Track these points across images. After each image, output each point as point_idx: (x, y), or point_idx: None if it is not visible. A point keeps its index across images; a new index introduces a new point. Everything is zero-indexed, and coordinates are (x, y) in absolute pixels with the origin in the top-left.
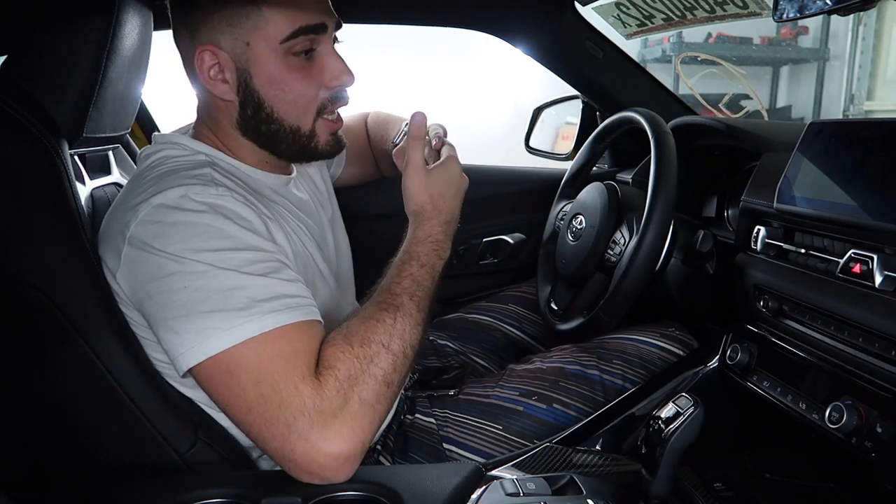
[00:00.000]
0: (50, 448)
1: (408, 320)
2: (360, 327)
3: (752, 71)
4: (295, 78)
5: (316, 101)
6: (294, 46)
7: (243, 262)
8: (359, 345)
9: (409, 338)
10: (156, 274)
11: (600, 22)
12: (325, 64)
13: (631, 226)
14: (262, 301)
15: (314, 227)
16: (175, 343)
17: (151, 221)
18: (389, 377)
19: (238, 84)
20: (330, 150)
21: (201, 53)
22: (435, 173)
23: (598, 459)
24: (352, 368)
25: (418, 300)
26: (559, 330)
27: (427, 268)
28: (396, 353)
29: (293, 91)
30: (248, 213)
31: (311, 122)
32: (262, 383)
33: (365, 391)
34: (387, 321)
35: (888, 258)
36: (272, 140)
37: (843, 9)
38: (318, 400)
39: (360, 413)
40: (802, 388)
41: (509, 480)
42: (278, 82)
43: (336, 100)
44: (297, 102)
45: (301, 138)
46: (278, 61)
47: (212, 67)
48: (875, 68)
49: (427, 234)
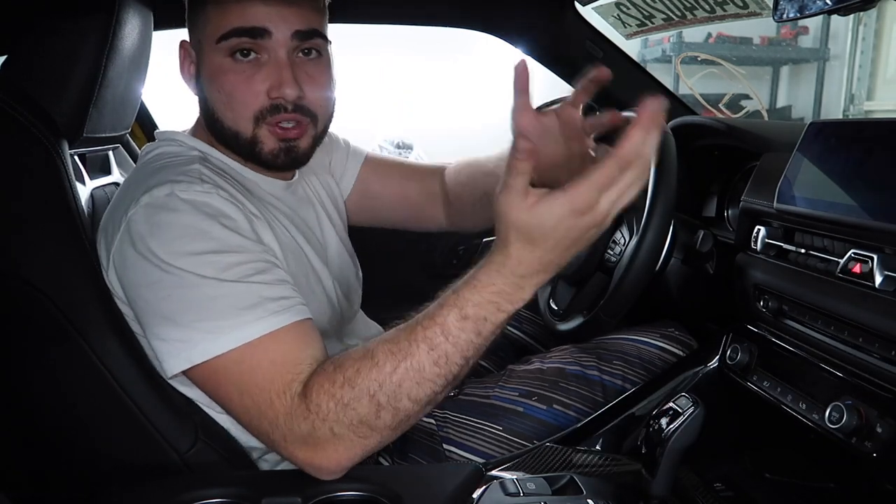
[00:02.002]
0: (50, 448)
1: (412, 374)
2: (355, 364)
3: (752, 71)
4: (230, 80)
5: (251, 106)
6: (233, 47)
7: (226, 266)
8: (341, 384)
9: (409, 392)
10: (142, 280)
11: (600, 22)
12: (268, 72)
13: (631, 226)
14: (245, 309)
15: (310, 228)
16: (161, 349)
17: (139, 221)
18: (370, 423)
19: (196, 80)
20: (275, 160)
21: (182, 48)
22: (538, 214)
23: (598, 459)
24: (324, 405)
25: (440, 354)
26: (559, 330)
27: (472, 321)
28: (383, 404)
29: (225, 91)
30: (233, 211)
31: (250, 128)
32: (245, 394)
33: (337, 427)
34: (385, 367)
35: (888, 258)
36: (222, 140)
37: (843, 9)
38: (287, 420)
39: (333, 441)
40: (802, 388)
41: (509, 480)
42: (214, 81)
43: (277, 110)
44: (229, 104)
45: (242, 142)
46: (218, 60)
47: (189, 64)
48: (875, 68)
49: (490, 280)
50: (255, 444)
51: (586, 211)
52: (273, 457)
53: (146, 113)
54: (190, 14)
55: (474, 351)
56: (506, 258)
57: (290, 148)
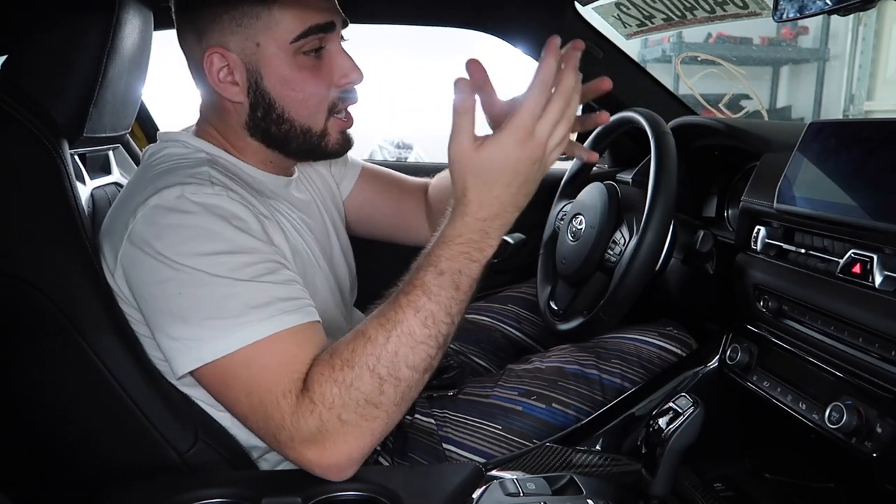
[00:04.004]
0: (50, 448)
1: (405, 339)
2: (349, 345)
3: (752, 71)
4: (306, 77)
5: (327, 99)
6: (304, 46)
7: (238, 266)
8: (340, 367)
9: (406, 358)
10: (152, 279)
11: (600, 22)
12: (335, 62)
13: (631, 226)
14: (256, 307)
15: (316, 228)
16: (171, 348)
17: (149, 223)
18: (375, 400)
19: (248, 86)
20: (339, 148)
21: (210, 56)
22: (486, 152)
23: (598, 459)
24: (328, 392)
25: (427, 314)
26: (559, 330)
27: (448, 275)
28: (384, 376)
29: (304, 90)
30: (244, 213)
31: (322, 122)
32: (252, 394)
33: (345, 413)
34: (378, 339)
35: (888, 258)
36: (282, 140)
37: (843, 9)
38: (294, 419)
39: (343, 431)
40: (802, 388)
41: (509, 480)
42: (289, 82)
43: (346, 98)
44: (308, 102)
45: (312, 137)
46: (289, 61)
47: (221, 69)
48: (875, 68)
49: (457, 233)
50: (256, 443)
51: (527, 139)
52: (273, 456)
53: (146, 113)
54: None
55: (457, 307)
56: (466, 206)
57: (347, 137)
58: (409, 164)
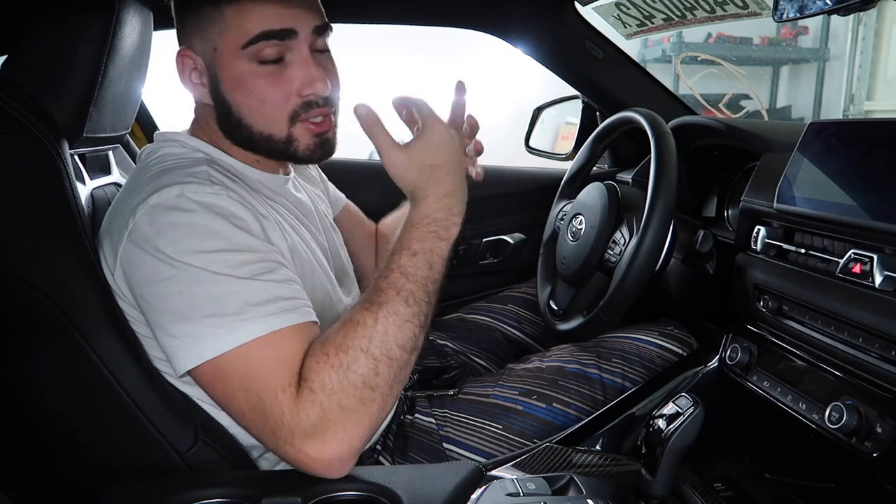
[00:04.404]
0: (50, 448)
1: (392, 319)
2: (339, 332)
3: (752, 71)
4: (260, 84)
5: (285, 107)
6: (259, 52)
7: (237, 264)
8: (335, 352)
9: (395, 337)
10: (152, 277)
11: (600, 22)
12: (295, 72)
13: (631, 226)
14: (256, 305)
15: (314, 228)
16: (172, 346)
17: (148, 222)
18: (371, 381)
19: (210, 89)
20: (311, 154)
21: (182, 57)
22: (417, 145)
23: (598, 459)
24: (327, 379)
25: (408, 293)
26: (559, 330)
27: (421, 255)
28: (377, 356)
29: (258, 97)
30: (243, 212)
31: (285, 129)
32: (249, 391)
33: (344, 398)
34: (367, 322)
35: (888, 258)
36: (248, 143)
37: (843, 9)
38: (294, 412)
39: (343, 419)
40: (802, 388)
41: (509, 480)
42: (242, 88)
43: (310, 106)
44: (262, 109)
45: (277, 144)
46: (243, 67)
47: (192, 71)
48: (875, 68)
49: (423, 215)
50: (255, 443)
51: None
52: (273, 456)
53: (146, 113)
54: (196, 22)
55: (432, 286)
56: (423, 191)
57: (324, 141)
58: None
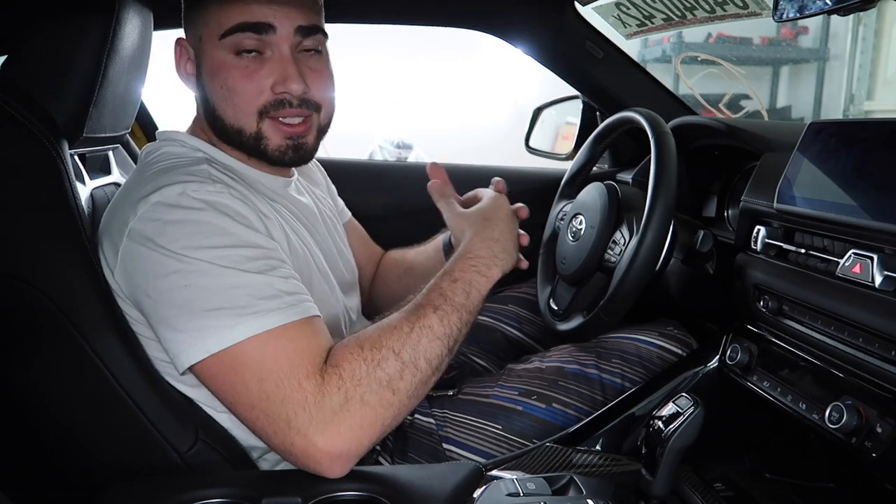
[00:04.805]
0: (50, 448)
1: (426, 332)
2: (376, 332)
3: (752, 71)
4: (233, 76)
5: (255, 102)
6: (237, 44)
7: (243, 259)
8: (369, 348)
9: (425, 350)
10: (156, 272)
11: (600, 22)
12: (272, 68)
13: (631, 226)
14: (263, 299)
15: (316, 231)
16: (176, 340)
17: (150, 219)
18: (395, 384)
19: (196, 78)
20: (281, 156)
21: (178, 46)
22: (476, 207)
23: (598, 459)
24: (357, 369)
25: (443, 314)
26: (559, 330)
27: (461, 283)
28: (406, 361)
29: (229, 87)
30: (245, 210)
31: (254, 124)
32: (266, 380)
33: (367, 393)
34: (403, 329)
35: (888, 258)
36: (226, 138)
37: (843, 9)
38: (319, 396)
39: (361, 413)
40: (802, 388)
41: (509, 480)
42: (216, 77)
43: (281, 105)
44: (232, 99)
45: (247, 139)
46: (220, 57)
47: (187, 62)
48: (875, 68)
49: (467, 251)
50: (256, 443)
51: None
52: (273, 456)
53: (146, 113)
54: (187, 11)
55: (466, 316)
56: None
57: (298, 145)
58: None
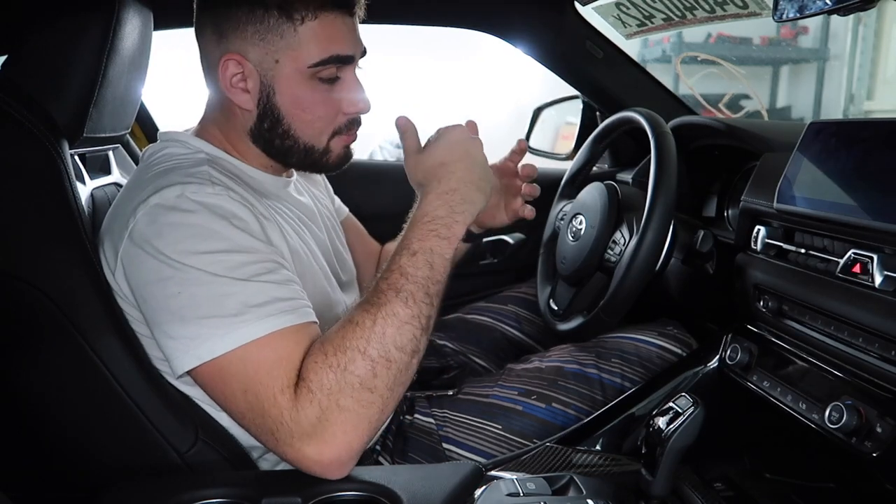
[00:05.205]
0: (50, 448)
1: (390, 320)
2: (338, 333)
3: (752, 71)
4: (317, 101)
5: (333, 124)
6: (321, 72)
7: (237, 265)
8: (333, 353)
9: (393, 339)
10: (152, 277)
11: (600, 22)
12: (347, 93)
13: (631, 226)
14: (255, 306)
15: (315, 230)
16: (171, 347)
17: (149, 222)
18: (369, 382)
19: (260, 97)
20: (340, 162)
21: (226, 61)
22: (431, 146)
23: (598, 459)
24: (325, 379)
25: (407, 294)
26: (559, 330)
27: (421, 255)
28: (375, 357)
29: (313, 113)
30: (244, 213)
31: (326, 141)
32: (248, 392)
33: (343, 399)
34: (365, 323)
35: (888, 258)
36: (284, 152)
37: (843, 9)
38: (293, 413)
39: (341, 420)
40: (802, 388)
41: (509, 480)
42: (301, 103)
43: (353, 124)
44: (315, 124)
45: (314, 154)
46: (303, 83)
47: (235, 76)
48: (875, 68)
49: (423, 213)
50: (255, 443)
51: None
52: (273, 457)
53: (146, 113)
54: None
55: (434, 287)
56: (429, 188)
57: (349, 152)
58: None
